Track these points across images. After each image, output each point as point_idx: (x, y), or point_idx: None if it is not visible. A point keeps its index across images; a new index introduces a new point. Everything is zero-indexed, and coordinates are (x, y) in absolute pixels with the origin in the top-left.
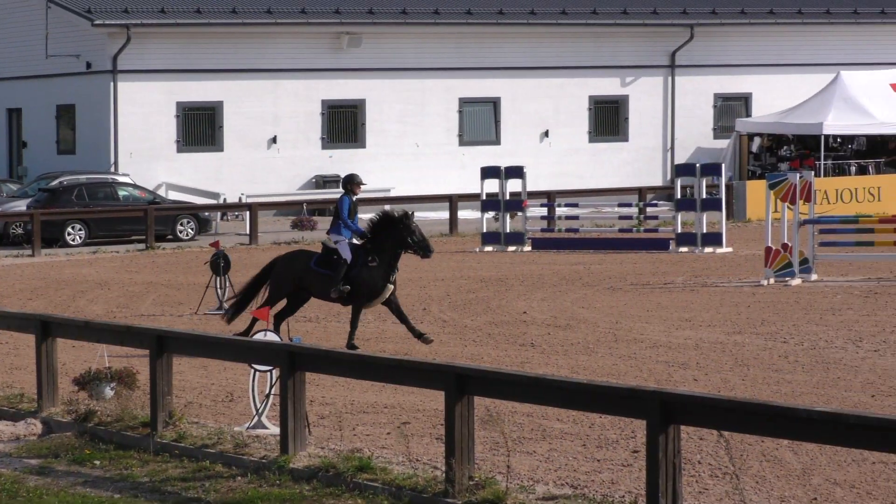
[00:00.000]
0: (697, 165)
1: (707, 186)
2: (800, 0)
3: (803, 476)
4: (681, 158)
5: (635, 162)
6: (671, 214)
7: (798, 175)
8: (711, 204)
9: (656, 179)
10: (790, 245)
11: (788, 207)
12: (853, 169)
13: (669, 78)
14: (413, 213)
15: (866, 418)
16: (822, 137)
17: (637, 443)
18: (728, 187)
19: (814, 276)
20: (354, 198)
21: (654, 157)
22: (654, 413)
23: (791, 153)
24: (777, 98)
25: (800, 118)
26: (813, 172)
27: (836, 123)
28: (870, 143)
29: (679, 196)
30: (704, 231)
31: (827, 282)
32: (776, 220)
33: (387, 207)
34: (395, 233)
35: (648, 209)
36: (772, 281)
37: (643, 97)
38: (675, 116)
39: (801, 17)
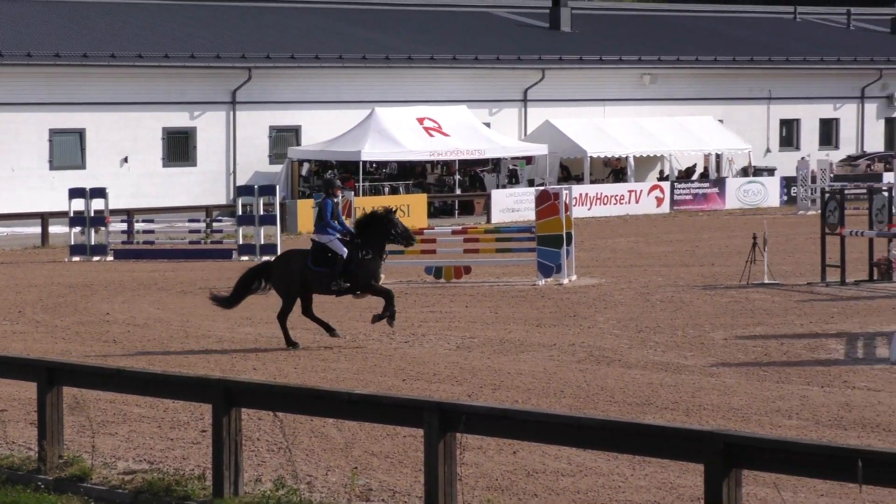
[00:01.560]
0: (256, 187)
1: (264, 205)
2: (341, 46)
3: (346, 449)
4: (242, 181)
5: (203, 184)
6: (234, 228)
7: (340, 195)
8: (268, 219)
9: (221, 199)
10: None
11: None
12: (387, 189)
13: (231, 112)
14: (395, 209)
15: (398, 399)
16: (361, 163)
17: (205, 423)
18: (282, 205)
19: None
20: (336, 200)
21: (219, 180)
22: (218, 398)
23: (335, 176)
24: (323, 130)
25: (342, 147)
26: (353, 193)
27: (372, 151)
28: (401, 167)
29: (240, 213)
30: (262, 242)
31: None
32: None
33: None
34: (379, 227)
35: (214, 224)
36: None
37: (209, 128)
38: (237, 145)
39: (341, 62)
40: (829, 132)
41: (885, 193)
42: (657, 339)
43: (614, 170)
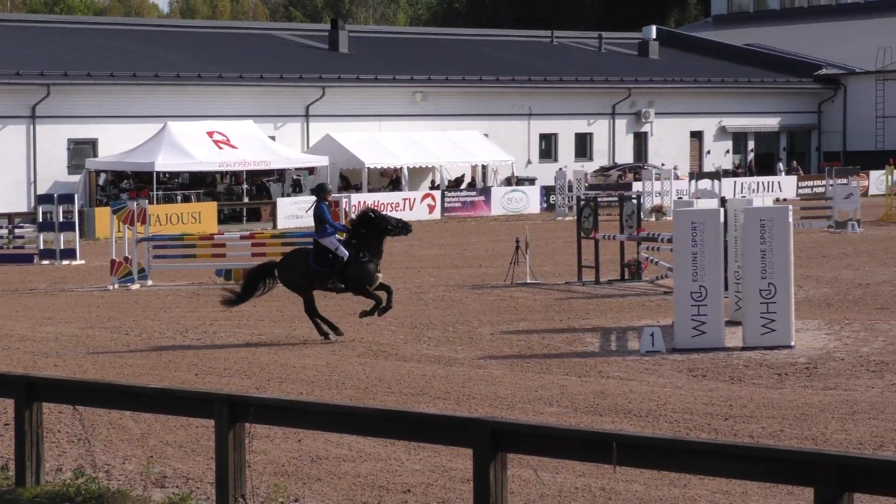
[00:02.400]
0: (55, 195)
1: (64, 212)
2: (135, 64)
3: (142, 439)
4: (42, 190)
5: (5, 193)
6: (35, 235)
7: (136, 203)
8: (67, 226)
9: (23, 207)
10: (130, 258)
11: (129, 228)
12: (179, 198)
13: (32, 126)
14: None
15: (190, 392)
16: (155, 173)
17: (8, 417)
18: (80, 213)
19: (150, 282)
20: (328, 202)
21: (21, 189)
22: (20, 393)
23: (130, 185)
24: (119, 142)
25: (136, 158)
26: (147, 201)
27: (165, 162)
28: (192, 177)
29: (41, 220)
30: (62, 247)
31: (160, 286)
32: (119, 238)
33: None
34: (374, 227)
35: (17, 230)
36: (116, 286)
37: (11, 141)
38: (38, 156)
39: (135, 79)
40: (583, 145)
41: (634, 201)
42: (430, 335)
43: (390, 180)
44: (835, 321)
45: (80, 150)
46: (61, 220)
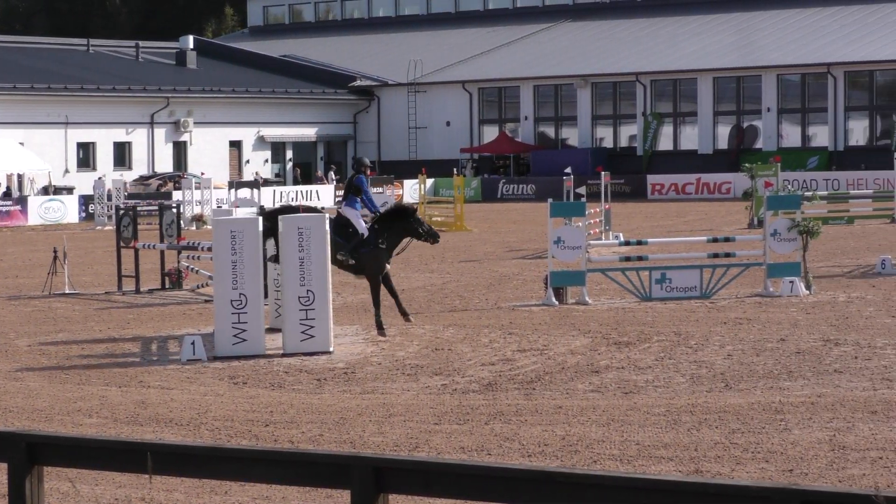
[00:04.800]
0: None
1: None
2: None
3: None
4: None
5: None
6: None
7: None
8: None
9: None
10: None
11: None
12: None
13: None
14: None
15: None
16: None
17: None
18: None
19: None
20: (367, 177)
21: None
22: None
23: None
24: None
25: None
26: None
27: None
28: None
29: None
30: None
31: None
32: None
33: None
34: (406, 224)
35: None
36: None
37: None
38: None
39: None
40: (123, 154)
41: (174, 210)
42: None
43: None
44: (372, 326)
45: None
46: None
